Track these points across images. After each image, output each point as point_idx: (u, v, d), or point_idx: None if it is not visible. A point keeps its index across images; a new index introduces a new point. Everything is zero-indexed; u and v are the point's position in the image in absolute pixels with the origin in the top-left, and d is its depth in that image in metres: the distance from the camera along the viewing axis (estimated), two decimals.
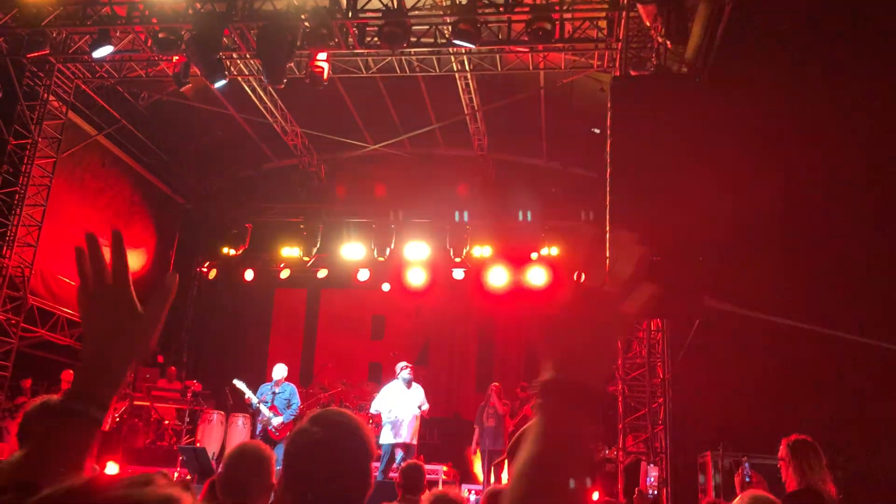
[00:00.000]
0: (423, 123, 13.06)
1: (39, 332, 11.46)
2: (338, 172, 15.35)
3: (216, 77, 9.81)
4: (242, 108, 13.08)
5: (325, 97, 12.28)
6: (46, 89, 11.21)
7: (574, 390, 0.99)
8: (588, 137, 12.86)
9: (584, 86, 11.68)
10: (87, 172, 12.56)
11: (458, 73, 11.13)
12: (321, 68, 9.91)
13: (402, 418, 10.08)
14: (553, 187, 14.35)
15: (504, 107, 12.12)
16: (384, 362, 14.49)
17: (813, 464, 3.82)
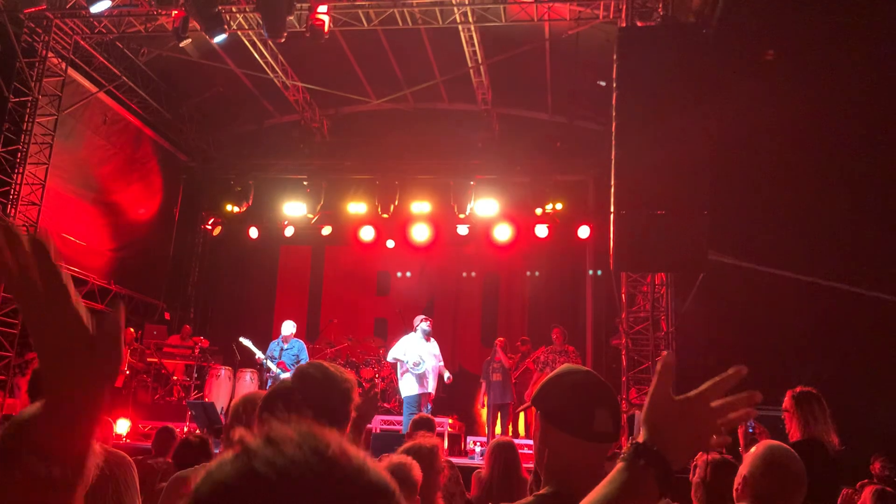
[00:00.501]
0: (426, 77, 12.90)
1: None
2: (340, 128, 15.24)
3: (215, 31, 9.69)
4: (243, 63, 12.93)
5: (326, 51, 12.12)
6: (45, 46, 11.08)
7: (661, 462, 1.12)
8: (594, 90, 12.72)
9: (590, 38, 11.50)
10: (88, 129, 12.49)
11: (461, 25, 10.94)
12: (322, 21, 9.76)
13: (428, 369, 10.17)
14: (558, 141, 14.23)
15: (508, 60, 11.95)
16: (389, 318, 14.58)
17: (817, 415, 3.86)
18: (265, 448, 0.61)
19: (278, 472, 0.60)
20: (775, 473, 2.42)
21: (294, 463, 0.60)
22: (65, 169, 11.77)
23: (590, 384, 1.71)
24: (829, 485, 3.77)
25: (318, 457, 0.61)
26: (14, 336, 10.56)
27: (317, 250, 15.70)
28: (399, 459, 3.08)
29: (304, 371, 2.05)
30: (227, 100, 14.68)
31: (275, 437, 0.62)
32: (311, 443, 0.62)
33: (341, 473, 0.62)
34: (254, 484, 0.59)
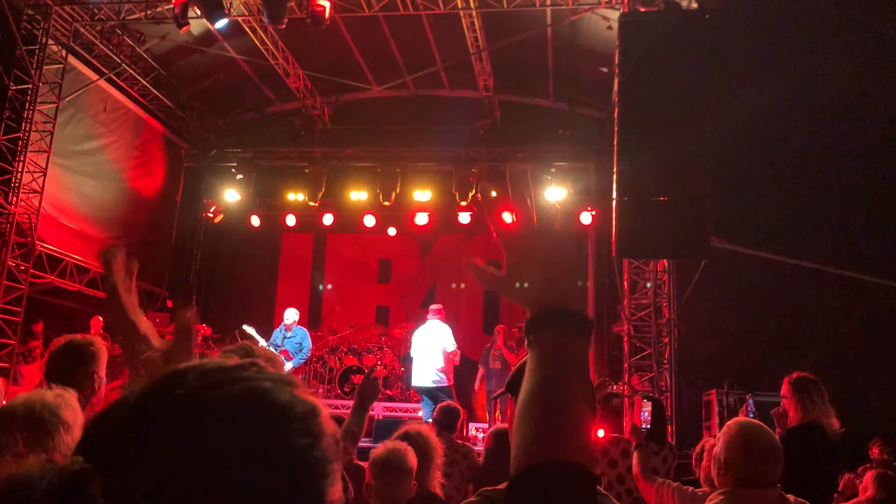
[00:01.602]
0: (427, 64, 12.85)
1: (49, 277, 11.54)
2: (341, 116, 15.20)
3: (216, 17, 9.65)
4: (244, 51, 12.89)
5: (327, 38, 12.07)
6: (45, 33, 11.05)
7: (559, 315, 0.98)
8: (596, 77, 12.68)
9: (592, 23, 11.45)
10: (89, 117, 12.47)
11: (462, 11, 10.89)
12: (322, 7, 9.71)
13: (421, 358, 10.19)
14: (560, 128, 14.19)
15: (510, 46, 11.90)
16: (391, 305, 14.60)
17: (815, 399, 3.87)
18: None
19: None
20: (752, 451, 2.42)
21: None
22: (66, 156, 11.76)
23: None
24: (829, 468, 3.78)
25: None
26: (16, 324, 10.59)
27: (318, 238, 15.70)
28: (393, 445, 3.10)
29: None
30: (227, 87, 14.64)
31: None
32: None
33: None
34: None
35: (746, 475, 2.40)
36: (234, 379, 0.62)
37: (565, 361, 0.95)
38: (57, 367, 2.84)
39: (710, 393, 9.63)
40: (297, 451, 0.60)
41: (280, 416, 0.61)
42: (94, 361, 2.92)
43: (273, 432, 0.60)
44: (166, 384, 0.61)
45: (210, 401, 0.60)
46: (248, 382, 0.62)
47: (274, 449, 0.59)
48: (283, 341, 10.58)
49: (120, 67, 12.56)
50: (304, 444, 0.61)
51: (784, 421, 3.93)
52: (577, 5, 10.46)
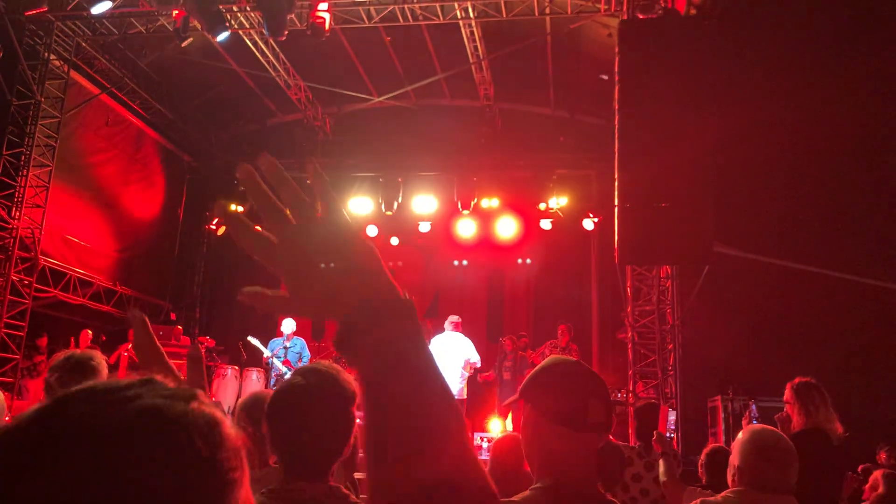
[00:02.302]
0: (427, 74, 12.89)
1: (53, 291, 11.57)
2: (343, 126, 15.24)
3: (217, 31, 9.70)
4: (245, 63, 12.94)
5: (327, 50, 12.12)
6: (47, 48, 11.11)
7: (373, 311, 0.82)
8: (596, 84, 12.70)
9: (592, 31, 11.48)
10: (91, 131, 12.53)
11: (461, 21, 10.93)
12: (322, 19, 9.76)
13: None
14: (561, 136, 14.21)
15: (510, 55, 11.93)
16: None
17: (818, 404, 3.86)
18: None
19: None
20: (766, 456, 2.41)
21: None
22: (68, 171, 11.80)
23: (581, 374, 1.69)
24: (833, 473, 3.77)
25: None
26: (21, 339, 10.60)
27: None
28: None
29: (313, 369, 2.05)
30: (229, 99, 14.70)
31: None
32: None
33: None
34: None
35: (761, 481, 2.40)
36: (124, 398, 0.61)
37: (402, 360, 0.80)
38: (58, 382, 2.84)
39: (715, 399, 9.60)
40: (193, 461, 0.59)
41: (173, 429, 0.60)
42: (95, 375, 2.91)
43: (167, 445, 0.59)
44: (57, 407, 0.61)
45: (101, 421, 0.59)
46: (139, 400, 0.61)
47: (169, 461, 0.58)
48: (285, 352, 10.61)
49: (121, 81, 12.62)
50: (201, 454, 0.60)
51: (787, 426, 3.92)
52: (577, 13, 10.50)
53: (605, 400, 1.66)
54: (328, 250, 0.85)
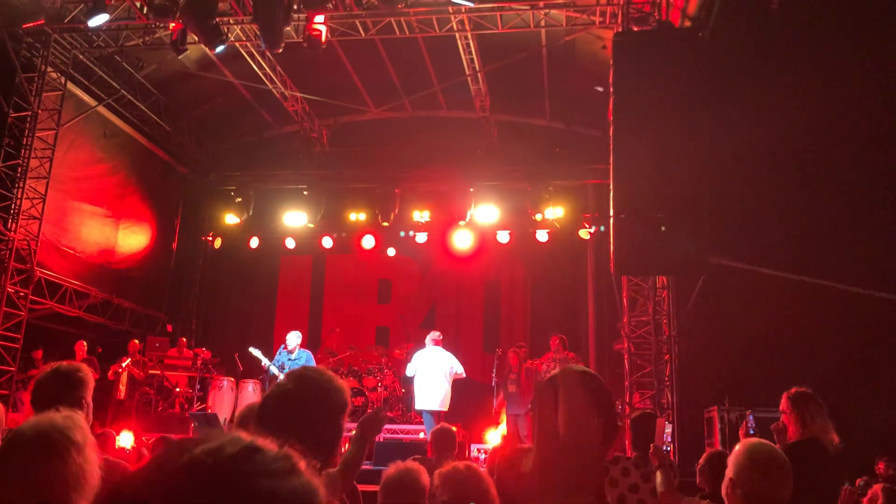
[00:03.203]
0: (424, 86, 12.95)
1: (48, 303, 11.55)
2: (340, 138, 15.28)
3: (214, 43, 9.72)
4: (241, 75, 12.99)
5: (324, 62, 12.17)
6: (44, 60, 11.14)
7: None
8: (591, 96, 12.75)
9: (587, 43, 11.55)
10: (88, 143, 12.54)
11: (458, 34, 10.99)
12: (319, 31, 9.80)
13: (423, 380, 10.47)
14: (557, 147, 14.26)
15: (505, 67, 11.99)
16: (391, 326, 14.58)
17: (814, 414, 3.87)
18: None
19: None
20: (761, 470, 2.42)
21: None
22: (65, 182, 11.81)
23: (584, 386, 1.70)
24: (829, 483, 3.77)
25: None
26: (16, 351, 10.57)
27: (317, 260, 15.72)
28: (406, 466, 3.07)
29: (304, 374, 2.05)
30: (226, 112, 14.74)
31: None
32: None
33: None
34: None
35: (756, 494, 2.40)
36: (288, 471, 0.71)
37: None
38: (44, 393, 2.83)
39: (712, 410, 9.59)
40: None
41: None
42: (81, 387, 2.91)
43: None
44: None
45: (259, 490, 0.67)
46: (301, 478, 0.70)
47: None
48: (288, 363, 10.56)
49: (119, 93, 12.65)
50: None
51: (784, 436, 3.93)
52: (572, 26, 10.56)
53: (605, 413, 1.66)
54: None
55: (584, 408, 1.52)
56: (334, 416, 1.92)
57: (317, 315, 15.40)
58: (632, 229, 8.20)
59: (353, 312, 14.94)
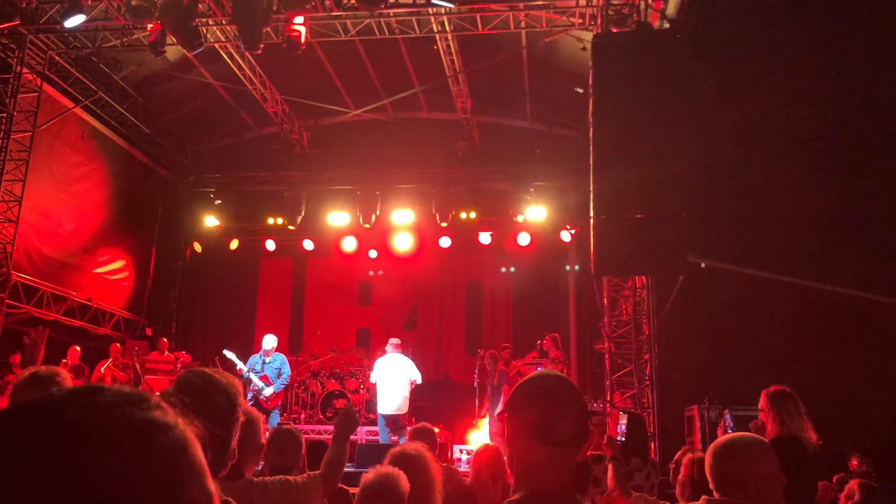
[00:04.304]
0: (405, 87, 12.94)
1: (25, 307, 11.41)
2: (320, 139, 15.23)
3: (193, 45, 9.66)
4: (221, 76, 12.90)
5: (304, 63, 12.12)
6: (19, 61, 11.00)
7: None
8: (572, 97, 12.81)
9: (567, 45, 11.59)
10: (66, 145, 12.40)
11: (438, 35, 10.99)
12: (298, 32, 9.76)
13: (381, 387, 10.61)
14: (538, 148, 14.31)
15: (486, 68, 12.02)
16: (373, 328, 14.55)
17: (792, 412, 3.92)
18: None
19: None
20: (722, 455, 2.43)
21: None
22: (42, 185, 11.67)
23: (555, 389, 1.73)
24: (807, 480, 3.81)
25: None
26: None
27: (298, 262, 15.65)
28: (385, 470, 3.06)
29: (186, 379, 2.07)
30: (205, 113, 14.63)
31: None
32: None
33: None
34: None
35: (725, 479, 2.42)
36: (69, 405, 0.65)
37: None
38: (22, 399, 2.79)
39: (692, 408, 9.67)
40: (145, 459, 0.63)
41: (112, 434, 0.63)
42: None
43: (122, 445, 0.62)
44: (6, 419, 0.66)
45: (47, 428, 0.62)
46: (84, 408, 0.64)
47: (124, 460, 0.61)
48: (263, 367, 10.51)
49: (96, 95, 12.52)
50: (151, 454, 0.63)
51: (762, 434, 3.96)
52: (552, 27, 10.60)
53: (575, 414, 1.69)
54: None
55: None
56: (226, 411, 1.99)
57: (298, 317, 15.33)
58: (611, 230, 8.25)
59: (334, 315, 14.89)
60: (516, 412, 1.74)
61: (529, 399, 1.73)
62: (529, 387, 1.77)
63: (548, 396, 1.72)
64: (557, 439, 1.65)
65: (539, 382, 1.77)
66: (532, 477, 1.69)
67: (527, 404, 1.72)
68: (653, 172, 8.13)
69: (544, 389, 1.74)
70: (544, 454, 1.66)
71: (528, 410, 1.71)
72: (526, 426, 1.69)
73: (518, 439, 1.71)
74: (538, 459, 1.67)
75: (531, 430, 1.67)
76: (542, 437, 1.66)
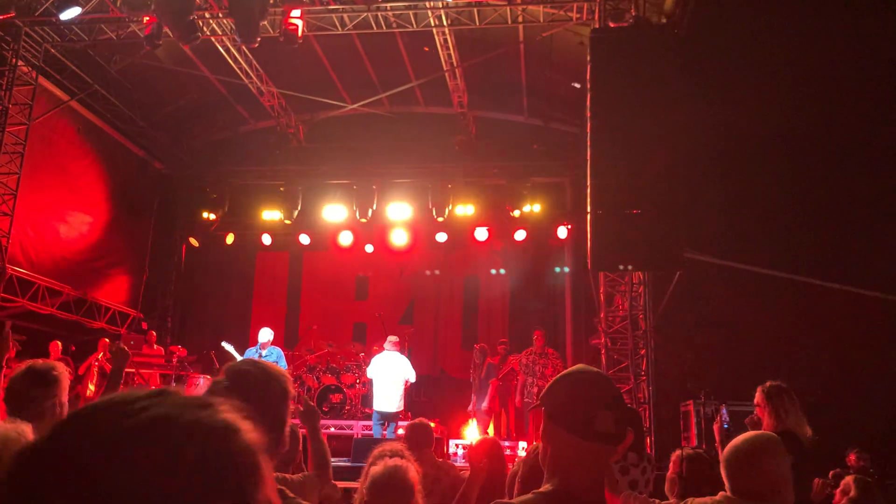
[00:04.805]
0: (401, 81, 12.91)
1: (20, 301, 11.37)
2: (316, 133, 15.19)
3: (189, 38, 9.61)
4: (217, 69, 12.85)
5: (300, 57, 12.08)
6: (15, 54, 10.93)
7: None
8: (569, 92, 12.80)
9: (564, 39, 11.57)
10: (62, 139, 12.35)
11: (435, 29, 10.96)
12: (295, 26, 9.72)
13: (379, 384, 10.73)
14: (535, 143, 14.29)
15: (483, 63, 11.99)
16: (369, 322, 14.54)
17: (788, 407, 3.92)
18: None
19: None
20: (757, 461, 2.45)
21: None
22: (38, 178, 11.62)
23: (595, 383, 1.73)
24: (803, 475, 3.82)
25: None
26: None
27: (294, 256, 15.63)
28: (394, 463, 3.06)
29: (238, 368, 2.04)
30: (201, 107, 14.58)
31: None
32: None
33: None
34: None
35: (742, 485, 2.45)
36: (139, 409, 0.65)
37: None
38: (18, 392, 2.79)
39: (688, 403, 9.68)
40: (202, 465, 0.64)
41: (183, 435, 0.64)
42: (55, 386, 2.87)
43: (176, 450, 0.63)
44: (73, 422, 0.65)
45: (116, 432, 0.63)
46: (152, 409, 0.66)
47: (177, 465, 0.62)
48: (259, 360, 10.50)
49: (91, 88, 12.46)
50: (211, 458, 0.64)
51: (758, 429, 3.97)
52: (549, 22, 10.58)
53: (615, 411, 1.69)
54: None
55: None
56: (276, 403, 1.94)
57: (294, 312, 15.32)
58: (608, 225, 8.25)
59: (330, 309, 14.88)
60: (551, 404, 1.74)
61: (567, 391, 1.73)
62: (568, 380, 1.76)
63: (588, 390, 1.72)
64: (595, 434, 1.65)
65: (579, 376, 1.76)
66: (564, 470, 1.68)
67: (565, 397, 1.72)
68: (650, 168, 8.13)
69: (585, 383, 1.74)
70: (579, 448, 1.66)
71: (563, 404, 1.71)
72: (561, 419, 1.69)
73: (554, 432, 1.71)
74: (572, 453, 1.67)
75: (567, 423, 1.67)
76: (575, 430, 1.66)
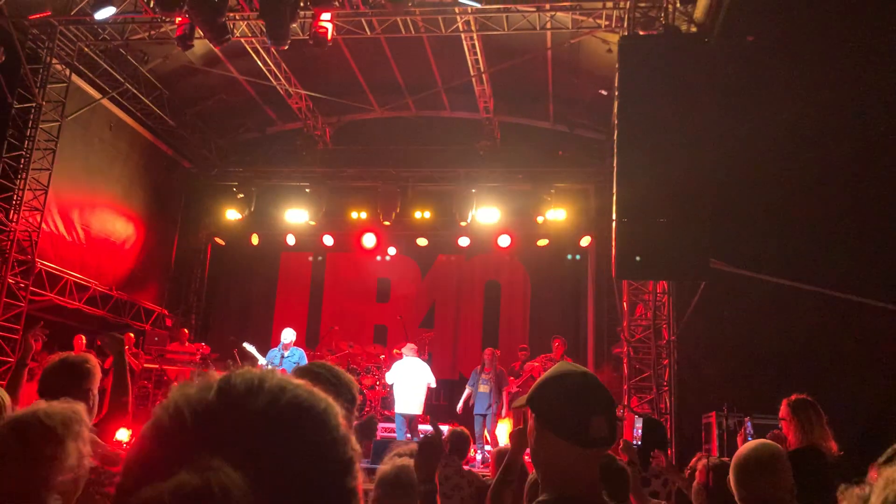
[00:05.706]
0: (428, 86, 12.95)
1: (48, 295, 11.55)
2: (342, 136, 15.28)
3: (220, 39, 9.71)
4: (246, 71, 12.98)
5: (329, 60, 12.17)
6: (49, 52, 11.13)
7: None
8: (595, 99, 12.77)
9: (592, 46, 11.54)
10: (94, 136, 12.54)
11: (463, 34, 10.98)
12: (325, 29, 9.79)
13: (400, 388, 11.05)
14: (560, 150, 14.27)
15: (510, 69, 11.99)
16: (390, 325, 14.58)
17: (814, 421, 3.87)
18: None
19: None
20: (749, 469, 2.43)
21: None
22: (69, 175, 11.81)
23: (587, 388, 1.67)
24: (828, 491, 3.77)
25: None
26: (15, 342, 10.56)
27: (318, 257, 15.72)
28: (402, 462, 3.07)
29: (310, 370, 2.03)
30: (230, 107, 14.73)
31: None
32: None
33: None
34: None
35: (752, 492, 2.42)
36: (278, 390, 0.77)
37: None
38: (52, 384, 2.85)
39: (710, 415, 9.59)
40: (331, 444, 0.77)
41: (317, 419, 0.77)
42: (88, 378, 2.94)
43: (313, 430, 0.76)
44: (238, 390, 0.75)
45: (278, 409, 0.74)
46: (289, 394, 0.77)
47: (313, 444, 0.75)
48: (281, 361, 10.57)
49: (123, 87, 12.64)
50: (336, 440, 0.78)
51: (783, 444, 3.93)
52: (577, 28, 10.56)
53: (609, 415, 1.64)
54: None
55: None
56: (345, 412, 1.93)
57: (316, 312, 15.40)
58: (633, 233, 8.21)
59: (351, 310, 14.95)
60: (544, 410, 1.67)
61: (561, 397, 1.66)
62: (560, 384, 1.70)
63: (579, 395, 1.66)
64: (592, 440, 1.60)
65: (571, 379, 1.69)
66: (560, 478, 1.64)
67: (559, 402, 1.66)
68: (677, 177, 8.08)
69: (575, 387, 1.67)
70: (574, 455, 1.61)
71: (558, 409, 1.65)
72: (555, 425, 1.63)
73: (545, 437, 1.65)
74: (567, 460, 1.62)
75: (563, 430, 1.62)
76: (575, 437, 1.60)
